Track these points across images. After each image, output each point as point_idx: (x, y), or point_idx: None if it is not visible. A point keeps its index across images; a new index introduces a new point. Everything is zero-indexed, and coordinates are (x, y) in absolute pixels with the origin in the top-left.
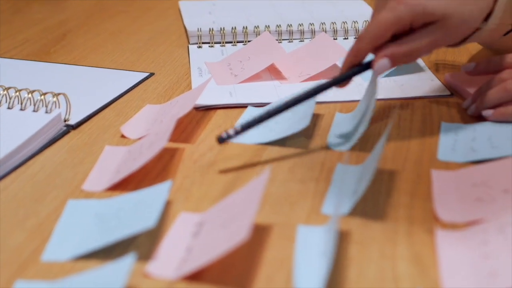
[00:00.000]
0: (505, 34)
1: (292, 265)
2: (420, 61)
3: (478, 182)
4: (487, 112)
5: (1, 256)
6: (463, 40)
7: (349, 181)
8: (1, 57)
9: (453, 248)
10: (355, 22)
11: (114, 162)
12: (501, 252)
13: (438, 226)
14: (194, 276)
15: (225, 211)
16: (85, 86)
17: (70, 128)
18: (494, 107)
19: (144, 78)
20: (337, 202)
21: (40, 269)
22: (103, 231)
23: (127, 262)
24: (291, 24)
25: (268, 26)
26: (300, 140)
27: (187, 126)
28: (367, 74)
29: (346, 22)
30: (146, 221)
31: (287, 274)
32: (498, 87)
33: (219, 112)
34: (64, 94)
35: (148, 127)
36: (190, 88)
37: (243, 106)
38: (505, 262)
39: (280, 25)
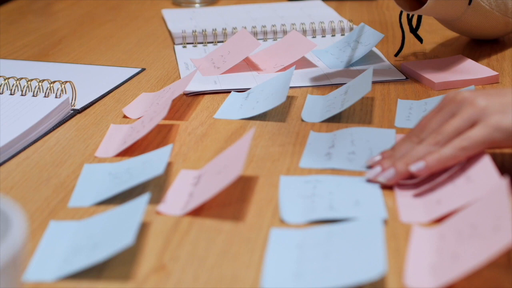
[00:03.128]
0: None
1: (277, 203)
2: (379, 53)
3: None
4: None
5: (31, 206)
6: None
7: (322, 144)
8: (4, 59)
9: (407, 189)
10: (321, 23)
11: (119, 135)
12: (444, 186)
13: None
14: (197, 213)
15: (219, 163)
16: (85, 80)
17: (76, 112)
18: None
19: (137, 72)
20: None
21: (68, 213)
22: (117, 183)
23: (143, 199)
24: (265, 25)
25: (245, 27)
26: (278, 116)
27: (180, 108)
28: (334, 62)
29: (313, 22)
30: (155, 170)
31: (274, 209)
32: (422, 145)
33: (206, 97)
34: (70, 82)
35: (146, 109)
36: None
37: (227, 92)
38: (447, 192)
39: (255, 26)
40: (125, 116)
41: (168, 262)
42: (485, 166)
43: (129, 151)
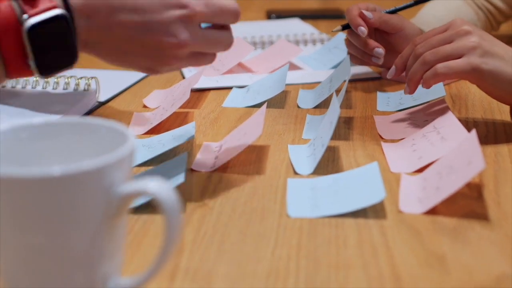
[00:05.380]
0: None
1: (289, 163)
2: None
3: (406, 118)
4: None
5: None
6: None
7: (318, 122)
8: None
9: (393, 149)
10: (304, 34)
11: (144, 119)
12: (424, 146)
13: (382, 141)
14: (224, 170)
15: (238, 133)
16: (101, 80)
17: (101, 103)
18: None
19: (146, 75)
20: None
21: None
22: (152, 150)
23: (184, 156)
24: (254, 36)
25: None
26: (277, 104)
27: (191, 100)
28: (317, 65)
29: (296, 34)
30: (186, 136)
31: (287, 167)
32: (418, 62)
33: (212, 92)
34: (95, 78)
35: (162, 100)
36: None
37: (229, 88)
38: (426, 150)
39: (246, 37)
40: (144, 106)
41: (208, 201)
42: (457, 129)
43: (155, 131)
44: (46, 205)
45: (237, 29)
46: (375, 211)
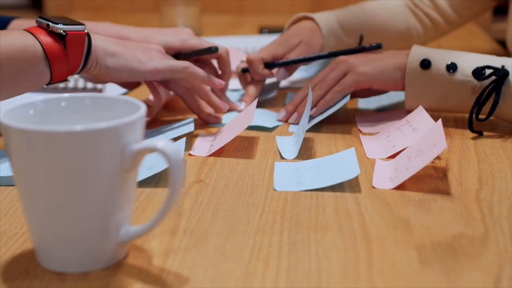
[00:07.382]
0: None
1: (276, 150)
2: None
3: (383, 116)
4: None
5: None
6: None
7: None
8: None
9: (370, 140)
10: None
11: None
12: (397, 137)
13: (361, 134)
14: (218, 155)
15: (231, 124)
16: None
17: None
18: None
19: None
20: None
21: None
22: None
23: (183, 140)
24: (247, 47)
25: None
26: (268, 104)
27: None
28: (303, 73)
29: None
30: (187, 128)
31: (274, 153)
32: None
33: None
34: None
35: None
36: None
37: None
38: (399, 140)
39: (240, 48)
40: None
41: (204, 178)
42: (427, 121)
43: (157, 125)
44: (70, 157)
45: (231, 42)
46: (351, 187)
